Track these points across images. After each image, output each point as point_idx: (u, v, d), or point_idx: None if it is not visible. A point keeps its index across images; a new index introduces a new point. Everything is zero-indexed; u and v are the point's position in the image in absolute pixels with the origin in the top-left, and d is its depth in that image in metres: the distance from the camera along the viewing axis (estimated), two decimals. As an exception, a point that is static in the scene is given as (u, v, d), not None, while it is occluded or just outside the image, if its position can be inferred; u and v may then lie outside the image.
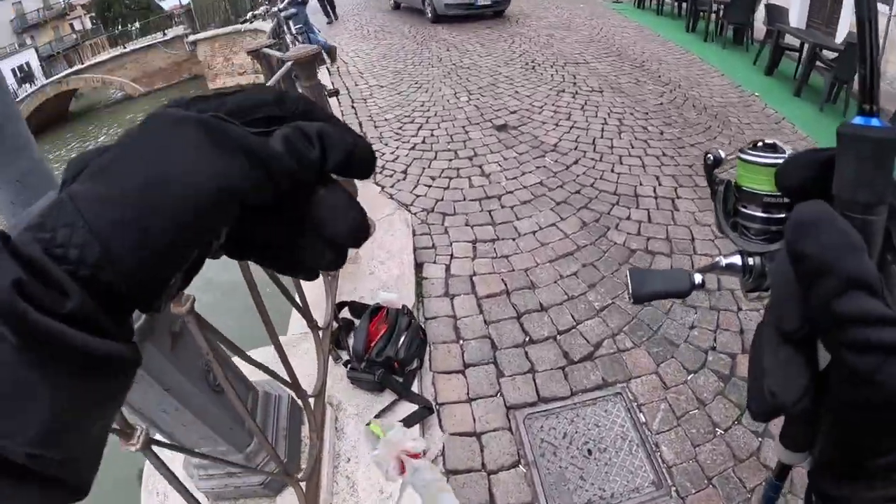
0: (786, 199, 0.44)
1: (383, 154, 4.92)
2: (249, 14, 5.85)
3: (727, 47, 8.74)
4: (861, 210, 0.30)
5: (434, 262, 3.32)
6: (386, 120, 5.78)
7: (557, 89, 6.34)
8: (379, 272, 2.98)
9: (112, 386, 0.25)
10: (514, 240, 3.51)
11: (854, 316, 0.25)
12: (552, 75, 6.98)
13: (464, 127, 5.36)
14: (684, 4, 10.62)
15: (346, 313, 2.65)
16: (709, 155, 0.64)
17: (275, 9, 5.76)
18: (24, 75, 33.65)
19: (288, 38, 5.51)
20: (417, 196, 4.14)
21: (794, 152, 0.41)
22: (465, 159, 4.68)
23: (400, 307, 2.55)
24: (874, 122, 0.32)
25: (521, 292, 3.07)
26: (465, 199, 4.02)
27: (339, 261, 0.31)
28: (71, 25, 41.34)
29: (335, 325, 2.56)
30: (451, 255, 3.38)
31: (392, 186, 4.32)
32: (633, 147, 4.80)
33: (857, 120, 0.32)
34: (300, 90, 2.90)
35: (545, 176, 4.29)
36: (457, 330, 2.84)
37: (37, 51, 36.34)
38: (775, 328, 0.30)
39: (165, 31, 28.50)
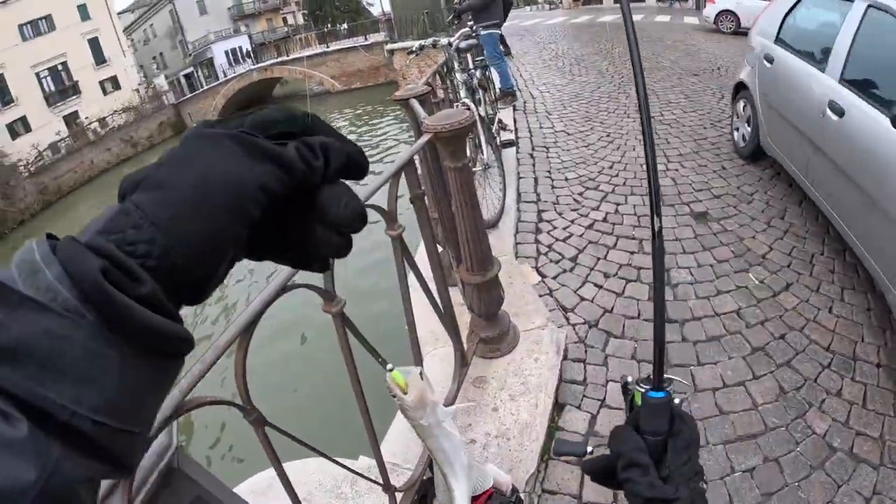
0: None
1: (554, 228, 4.20)
2: (417, 44, 4.83)
3: None
4: (651, 434, 0.63)
5: (578, 408, 2.57)
6: (566, 180, 5.04)
7: (773, 172, 4.94)
8: (504, 411, 2.34)
9: (171, 366, 0.30)
10: (685, 395, 2.67)
11: (628, 480, 0.60)
12: (771, 153, 5.77)
13: (655, 207, 4.42)
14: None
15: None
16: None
17: (444, 41, 4.51)
18: (236, 58, 38.34)
19: (459, 76, 4.38)
20: (582, 299, 3.35)
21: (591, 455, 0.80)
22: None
23: (509, 491, 1.92)
24: (661, 394, 0.64)
25: (680, 484, 2.24)
26: (639, 317, 3.16)
27: (345, 246, 0.39)
28: (284, 19, 46.51)
29: (427, 475, 1.99)
30: (602, 402, 2.61)
31: (555, 278, 3.56)
32: (858, 275, 3.42)
33: (651, 393, 0.65)
34: (444, 167, 2.32)
35: (745, 303, 3.21)
36: (576, 521, 2.12)
37: (250, 38, 41.23)
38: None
39: (367, 37, 30.57)
